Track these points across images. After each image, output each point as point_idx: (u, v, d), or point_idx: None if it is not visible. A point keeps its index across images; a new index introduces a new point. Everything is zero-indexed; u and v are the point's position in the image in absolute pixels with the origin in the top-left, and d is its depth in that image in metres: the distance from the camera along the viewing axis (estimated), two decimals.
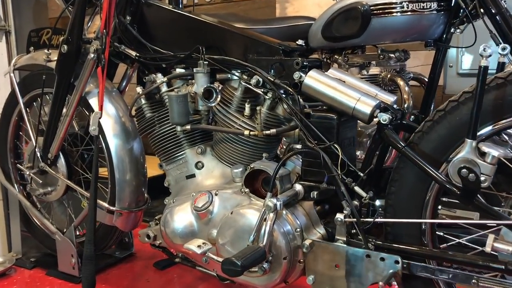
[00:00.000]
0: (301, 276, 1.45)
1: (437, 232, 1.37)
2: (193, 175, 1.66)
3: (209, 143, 1.68)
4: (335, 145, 1.35)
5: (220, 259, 1.41)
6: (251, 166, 1.46)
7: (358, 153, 2.20)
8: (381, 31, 2.10)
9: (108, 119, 1.87)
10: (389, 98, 1.39)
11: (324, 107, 1.42)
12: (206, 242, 1.46)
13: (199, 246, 1.43)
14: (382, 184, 1.43)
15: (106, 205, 1.90)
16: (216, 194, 1.52)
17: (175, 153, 1.68)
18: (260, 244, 1.33)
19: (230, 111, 1.58)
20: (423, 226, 1.35)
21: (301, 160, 1.52)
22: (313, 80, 1.40)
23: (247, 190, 1.47)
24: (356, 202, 1.37)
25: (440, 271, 1.27)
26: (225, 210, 1.50)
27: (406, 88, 2.21)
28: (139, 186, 1.93)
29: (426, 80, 2.50)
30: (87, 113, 1.97)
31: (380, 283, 1.25)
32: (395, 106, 1.40)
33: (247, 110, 1.56)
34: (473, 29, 2.05)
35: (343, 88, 1.36)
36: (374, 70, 2.27)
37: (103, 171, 1.98)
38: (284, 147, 1.66)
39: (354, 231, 1.37)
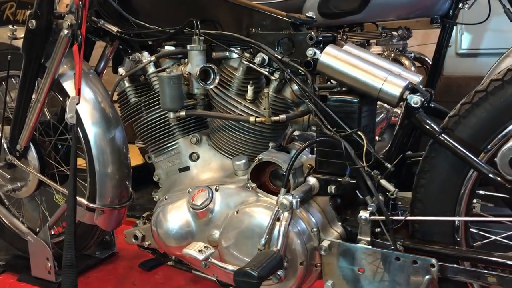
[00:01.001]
0: (315, 282, 1.28)
1: (470, 229, 1.22)
2: (187, 168, 1.46)
3: (204, 131, 1.48)
4: (359, 132, 1.17)
5: (226, 266, 1.23)
6: (259, 157, 1.27)
7: None
8: (384, 7, 1.92)
9: (85, 105, 1.64)
10: (415, 78, 1.22)
11: (342, 89, 1.23)
12: (208, 246, 1.27)
13: (200, 251, 1.24)
14: (403, 176, 1.27)
15: (85, 202, 1.68)
16: (216, 190, 1.33)
17: (165, 143, 1.47)
18: (273, 248, 1.15)
19: (229, 95, 1.38)
20: (456, 223, 1.19)
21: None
22: (331, 57, 1.21)
23: (253, 185, 1.28)
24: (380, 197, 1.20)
25: (480, 274, 1.11)
26: (228, 208, 1.31)
27: (413, 68, 2.05)
28: (122, 179, 1.72)
29: (427, 60, 2.36)
30: (61, 99, 1.74)
31: None
32: (421, 87, 1.23)
33: (249, 94, 1.36)
34: (488, 2, 1.90)
35: (367, 66, 1.18)
36: (376, 49, 2.10)
37: (81, 164, 1.76)
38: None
39: (378, 230, 1.20)
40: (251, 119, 1.30)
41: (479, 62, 2.46)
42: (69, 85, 1.68)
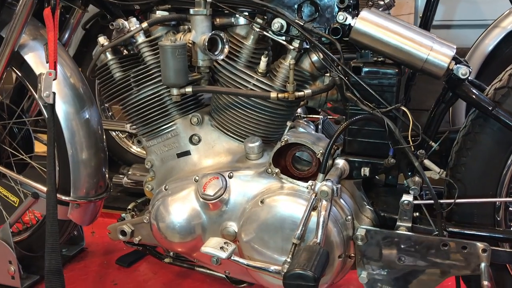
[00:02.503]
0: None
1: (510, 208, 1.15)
2: (186, 153, 1.28)
3: (204, 110, 1.30)
4: (403, 108, 1.05)
5: (255, 264, 1.07)
6: (284, 138, 1.12)
7: None
8: None
9: (54, 82, 1.40)
10: (451, 46, 1.11)
11: (379, 59, 1.10)
12: (228, 241, 1.11)
13: (222, 248, 1.07)
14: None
15: (60, 195, 1.44)
16: (230, 177, 1.16)
17: (160, 125, 1.27)
18: (314, 241, 1.01)
19: (238, 67, 1.20)
20: (497, 203, 1.11)
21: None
22: (368, 23, 1.06)
23: (277, 170, 1.13)
24: (418, 178, 1.09)
25: None
26: (245, 197, 1.15)
27: None
28: (99, 167, 1.50)
29: None
30: (19, 74, 1.48)
31: (485, 282, 0.99)
32: None
33: (262, 66, 1.19)
34: None
35: (411, 33, 1.05)
36: None
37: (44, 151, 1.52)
38: None
39: (417, 214, 1.10)
40: (273, 94, 1.14)
41: (453, 34, 2.42)
42: (31, 58, 1.43)
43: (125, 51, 1.33)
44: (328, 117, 1.55)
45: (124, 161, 2.40)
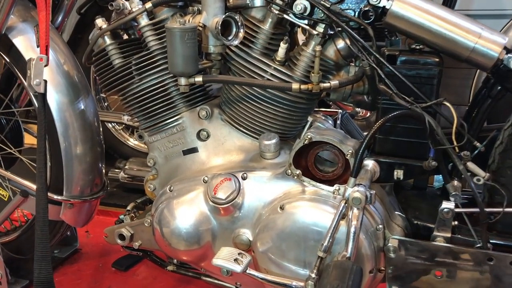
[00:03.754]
0: None
1: None
2: (193, 150, 1.14)
3: (213, 102, 1.16)
4: (446, 102, 0.91)
5: (271, 278, 0.95)
6: (307, 136, 0.99)
7: None
8: None
9: (46, 68, 1.25)
10: (501, 34, 0.97)
11: (417, 47, 0.96)
12: (242, 252, 0.98)
13: (236, 261, 0.94)
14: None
15: (51, 194, 1.31)
16: (244, 178, 1.03)
17: (165, 118, 1.14)
18: (343, 255, 0.88)
19: (253, 55, 1.07)
20: None
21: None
22: (407, 6, 0.93)
23: (298, 171, 0.99)
24: (457, 183, 0.96)
25: None
26: (261, 202, 1.02)
27: None
28: (95, 162, 1.36)
29: None
30: (7, 60, 1.33)
31: None
32: None
33: (280, 53, 1.06)
34: None
35: (457, 19, 0.91)
36: None
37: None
38: None
39: (456, 223, 0.97)
40: (295, 86, 1.00)
41: None
42: (22, 42, 1.28)
43: (125, 35, 1.18)
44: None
45: (120, 155, 2.26)
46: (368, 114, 1.83)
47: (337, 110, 1.36)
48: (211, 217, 1.05)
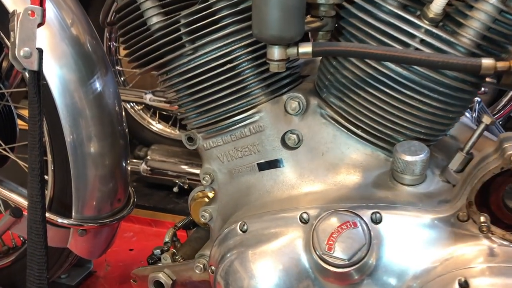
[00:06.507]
0: None
1: None
2: (276, 163, 0.72)
3: (303, 88, 0.73)
4: None
5: None
6: (509, 153, 0.55)
7: None
8: None
9: (43, 31, 0.82)
10: None
11: None
12: None
13: None
14: None
15: (53, 216, 0.90)
16: (376, 221, 0.60)
17: (231, 112, 0.71)
18: None
19: (389, 8, 0.63)
20: None
21: None
22: None
23: (483, 218, 0.56)
24: None
25: None
26: (410, 266, 0.59)
27: None
28: (117, 166, 0.95)
29: None
30: None
31: None
32: None
33: (435, 7, 0.62)
34: None
35: None
36: None
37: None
38: None
39: None
40: (487, 62, 0.56)
41: None
42: None
43: None
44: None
45: (140, 140, 1.85)
46: None
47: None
48: (317, 284, 0.63)
